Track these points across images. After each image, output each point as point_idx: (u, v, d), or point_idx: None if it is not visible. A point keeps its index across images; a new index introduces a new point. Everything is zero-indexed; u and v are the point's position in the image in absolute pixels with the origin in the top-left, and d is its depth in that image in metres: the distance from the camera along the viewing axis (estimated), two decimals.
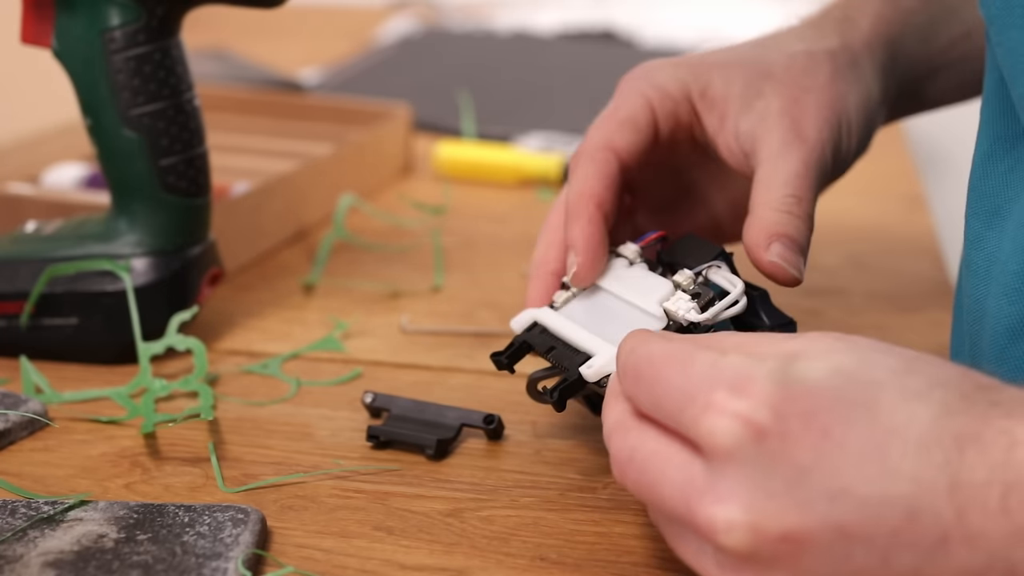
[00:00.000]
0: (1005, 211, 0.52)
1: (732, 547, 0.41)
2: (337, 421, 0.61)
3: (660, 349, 0.45)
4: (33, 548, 0.49)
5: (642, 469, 0.44)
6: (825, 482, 0.40)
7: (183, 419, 0.60)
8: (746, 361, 0.43)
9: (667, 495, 0.43)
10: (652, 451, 0.44)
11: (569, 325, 0.55)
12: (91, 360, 0.66)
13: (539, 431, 0.60)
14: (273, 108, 1.01)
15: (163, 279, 0.66)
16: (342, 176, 0.90)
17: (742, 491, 0.41)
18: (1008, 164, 0.52)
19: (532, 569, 0.50)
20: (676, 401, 0.43)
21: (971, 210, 0.54)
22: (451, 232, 0.86)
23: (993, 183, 0.53)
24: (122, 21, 0.63)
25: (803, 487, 0.40)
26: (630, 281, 0.56)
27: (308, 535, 0.52)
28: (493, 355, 0.57)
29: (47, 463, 0.57)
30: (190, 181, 0.66)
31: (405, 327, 0.71)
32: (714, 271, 0.52)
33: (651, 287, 0.54)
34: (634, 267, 0.57)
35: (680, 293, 0.53)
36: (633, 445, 0.45)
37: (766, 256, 0.55)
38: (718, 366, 0.43)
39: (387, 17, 1.51)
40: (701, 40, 1.36)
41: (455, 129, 1.07)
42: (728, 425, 0.41)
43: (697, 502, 0.42)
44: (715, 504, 0.41)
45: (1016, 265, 0.50)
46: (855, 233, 0.88)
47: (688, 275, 0.53)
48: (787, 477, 0.40)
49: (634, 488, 0.45)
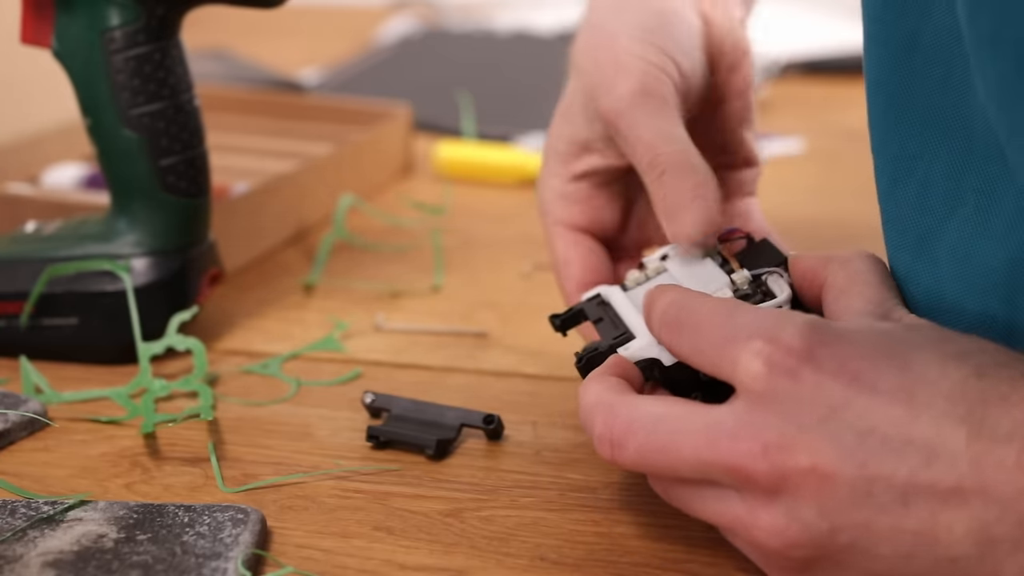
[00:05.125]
0: (933, 237, 0.49)
1: (761, 478, 0.43)
2: (337, 421, 0.61)
3: (701, 302, 0.48)
4: (33, 548, 0.49)
5: (651, 431, 0.45)
6: (854, 421, 0.42)
7: (183, 419, 0.60)
8: (787, 312, 0.46)
9: (686, 445, 0.44)
10: (661, 413, 0.46)
11: (627, 305, 0.56)
12: (91, 360, 0.66)
13: (539, 431, 0.60)
14: (273, 108, 1.01)
15: (163, 279, 0.66)
16: (342, 176, 0.90)
17: (775, 423, 0.43)
18: (915, 187, 0.50)
19: (532, 569, 0.50)
20: (717, 345, 0.46)
21: (893, 244, 0.51)
22: (451, 232, 0.86)
23: (907, 210, 0.50)
24: (122, 21, 0.63)
25: (832, 423, 0.42)
26: (695, 271, 0.57)
27: (308, 535, 0.52)
28: (551, 316, 0.59)
29: (47, 463, 0.57)
30: (190, 181, 0.66)
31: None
32: (774, 277, 0.53)
33: (710, 280, 0.55)
34: (704, 259, 0.57)
35: (728, 291, 0.53)
36: (630, 414, 0.46)
37: None
38: (759, 315, 0.45)
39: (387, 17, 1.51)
40: None
41: (455, 129, 1.07)
42: (765, 364, 0.43)
43: (727, 440, 0.43)
44: (746, 439, 0.43)
45: (975, 305, 0.48)
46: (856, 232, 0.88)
47: (745, 276, 0.53)
48: (818, 414, 0.42)
49: (638, 454, 0.46)
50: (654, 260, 0.59)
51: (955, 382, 0.42)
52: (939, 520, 0.41)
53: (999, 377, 0.42)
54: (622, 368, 0.50)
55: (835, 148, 1.04)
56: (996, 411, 0.41)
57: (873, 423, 0.42)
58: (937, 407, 0.41)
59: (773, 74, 1.20)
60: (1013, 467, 0.40)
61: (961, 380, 0.42)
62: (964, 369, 0.42)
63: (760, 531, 0.43)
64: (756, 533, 0.44)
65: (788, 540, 0.43)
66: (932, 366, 0.42)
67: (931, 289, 0.49)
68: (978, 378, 0.42)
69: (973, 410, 0.41)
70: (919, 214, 0.50)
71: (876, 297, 0.49)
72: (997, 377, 0.42)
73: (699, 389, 0.50)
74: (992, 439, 0.40)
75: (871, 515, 0.42)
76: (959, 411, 0.41)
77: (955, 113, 0.47)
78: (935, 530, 0.41)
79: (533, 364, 0.66)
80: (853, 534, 0.42)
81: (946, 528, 0.41)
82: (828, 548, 0.43)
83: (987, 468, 0.40)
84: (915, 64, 0.48)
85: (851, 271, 0.50)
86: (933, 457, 0.41)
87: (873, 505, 0.42)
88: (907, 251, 0.51)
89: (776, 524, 0.43)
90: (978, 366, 0.42)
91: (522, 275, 0.79)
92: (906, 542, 0.41)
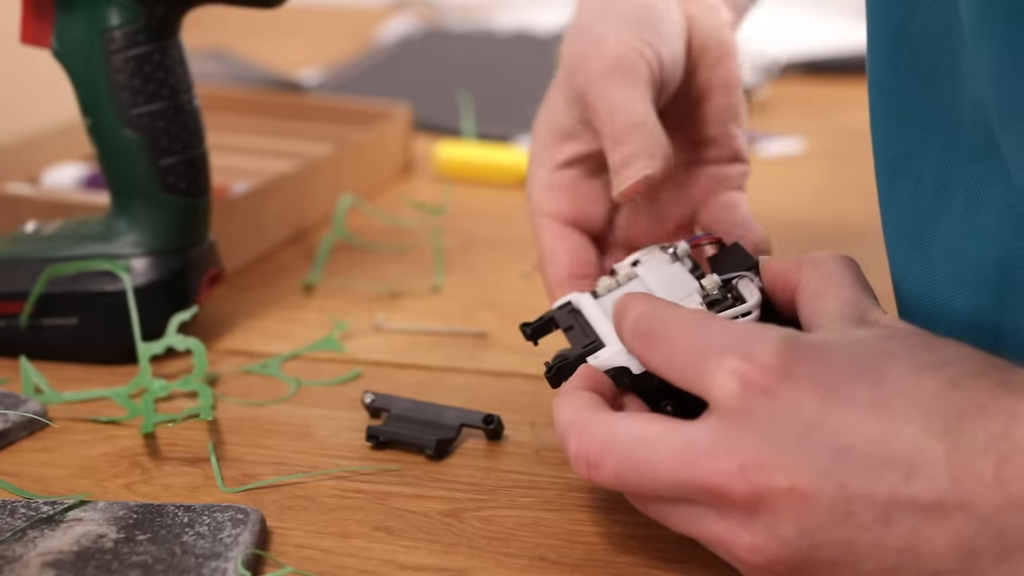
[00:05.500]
0: (926, 235, 0.49)
1: (739, 498, 0.42)
2: (337, 421, 0.61)
3: (674, 314, 0.47)
4: (32, 548, 0.49)
5: (627, 452, 0.45)
6: (831, 439, 0.41)
7: (183, 419, 0.60)
8: (760, 326, 0.45)
9: (663, 465, 0.44)
10: (637, 434, 0.45)
11: (598, 313, 0.56)
12: (91, 360, 0.66)
13: (539, 431, 0.60)
14: (273, 108, 1.01)
15: (163, 279, 0.66)
16: (342, 176, 0.90)
17: (751, 443, 0.42)
18: (909, 184, 0.50)
19: (531, 569, 0.50)
20: (691, 360, 0.45)
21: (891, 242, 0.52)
22: (451, 232, 0.86)
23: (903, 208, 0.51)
24: (122, 21, 0.63)
25: (810, 442, 0.42)
26: (665, 277, 0.56)
27: (308, 535, 0.52)
28: (522, 325, 0.58)
29: (47, 463, 0.57)
30: (190, 181, 0.66)
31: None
32: (744, 281, 0.53)
33: (679, 285, 0.55)
34: (675, 264, 0.57)
35: (699, 296, 0.53)
36: (605, 433, 0.46)
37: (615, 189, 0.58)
38: (733, 330, 0.45)
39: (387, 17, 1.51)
40: None
41: (455, 129, 1.07)
42: (739, 382, 0.43)
43: (704, 459, 0.43)
44: (723, 458, 0.43)
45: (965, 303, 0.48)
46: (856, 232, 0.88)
47: (715, 280, 0.53)
48: (795, 432, 0.42)
49: (615, 475, 0.45)
50: (625, 266, 0.58)
51: (930, 395, 0.41)
52: (921, 535, 0.41)
53: (976, 387, 0.41)
54: (593, 380, 0.50)
55: (836, 148, 1.04)
56: (973, 424, 0.40)
57: (851, 441, 0.41)
58: (914, 422, 0.41)
59: (773, 74, 1.20)
60: (992, 480, 0.40)
61: (936, 392, 0.41)
62: (939, 380, 0.42)
63: (740, 549, 0.43)
64: (737, 551, 0.43)
65: (768, 557, 0.43)
66: (907, 379, 0.42)
67: (924, 287, 0.49)
68: (953, 389, 0.41)
69: (949, 424, 0.41)
70: (913, 211, 0.50)
71: (851, 298, 0.48)
72: (974, 387, 0.41)
73: (670, 396, 0.49)
74: (970, 452, 0.40)
75: (852, 533, 0.41)
76: (936, 426, 0.41)
77: (943, 108, 0.47)
78: (917, 545, 0.41)
79: (533, 364, 0.66)
80: (835, 551, 0.42)
81: (928, 543, 0.41)
82: (810, 564, 0.42)
83: (967, 482, 0.40)
84: (904, 57, 0.49)
85: (824, 273, 0.50)
86: (912, 474, 0.41)
87: (854, 523, 0.41)
88: (902, 249, 0.51)
89: (755, 542, 0.43)
90: (953, 377, 0.42)
91: (522, 275, 0.79)
92: (889, 558, 0.41)
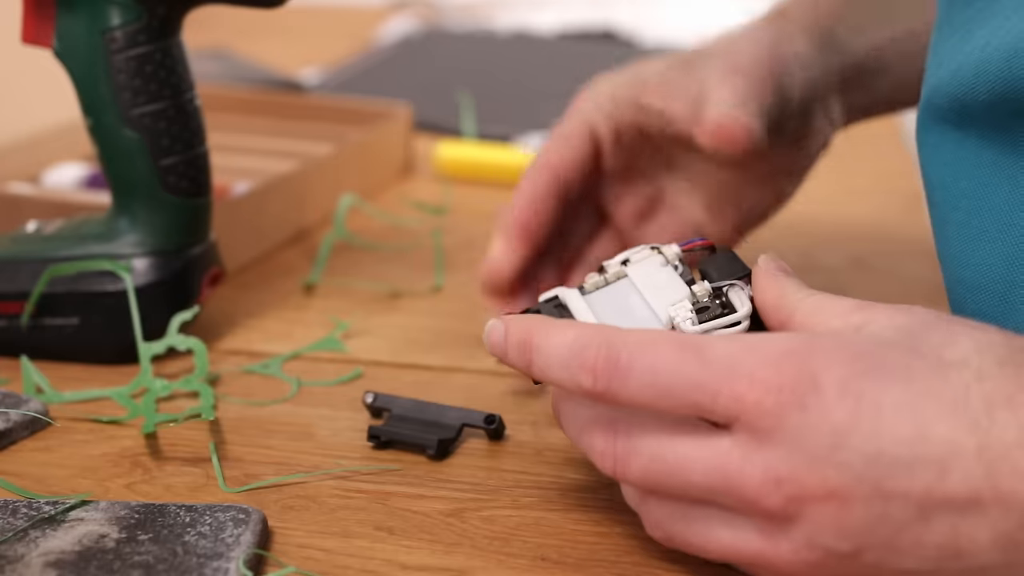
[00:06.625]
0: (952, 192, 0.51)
1: (778, 510, 0.42)
2: (338, 421, 0.61)
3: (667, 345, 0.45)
4: (34, 548, 0.49)
5: (656, 459, 0.45)
6: (862, 445, 0.42)
7: (184, 419, 0.60)
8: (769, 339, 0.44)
9: (697, 475, 0.44)
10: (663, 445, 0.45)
11: (584, 310, 0.55)
12: (92, 360, 0.66)
13: (540, 431, 0.60)
14: (273, 108, 1.01)
15: (164, 279, 0.66)
16: (342, 176, 0.90)
17: (784, 456, 0.42)
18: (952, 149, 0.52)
19: (533, 569, 0.50)
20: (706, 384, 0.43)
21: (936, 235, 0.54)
22: (451, 232, 0.86)
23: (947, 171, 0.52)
24: (123, 21, 0.63)
25: (842, 449, 0.42)
26: (656, 281, 0.56)
27: (309, 535, 0.52)
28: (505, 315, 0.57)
29: (48, 463, 0.57)
30: (191, 181, 0.66)
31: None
32: (735, 290, 0.52)
33: (670, 291, 0.54)
34: (666, 268, 0.57)
35: (687, 302, 0.53)
36: (628, 445, 0.46)
37: (714, 115, 0.61)
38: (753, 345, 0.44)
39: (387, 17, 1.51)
40: (701, 40, 1.36)
41: (455, 129, 1.07)
42: (768, 396, 0.42)
43: (738, 473, 0.43)
44: (757, 475, 0.42)
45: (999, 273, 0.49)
46: (856, 232, 0.88)
47: (706, 288, 0.53)
48: (826, 441, 0.42)
49: (643, 480, 0.45)
50: (615, 264, 0.57)
51: (958, 390, 0.41)
52: (961, 531, 0.41)
53: (1002, 379, 0.41)
54: None
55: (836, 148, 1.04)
56: (1003, 415, 0.41)
57: (882, 445, 0.41)
58: (944, 421, 0.41)
59: None
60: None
61: (963, 387, 0.41)
62: (965, 374, 0.42)
63: (784, 562, 0.43)
64: (780, 564, 0.43)
65: (812, 563, 0.43)
66: (933, 376, 0.42)
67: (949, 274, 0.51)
68: (980, 382, 0.41)
69: (979, 421, 0.41)
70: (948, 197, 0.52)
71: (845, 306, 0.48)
72: (1000, 379, 0.41)
73: None
74: (1002, 445, 0.40)
75: (892, 533, 0.41)
76: (965, 422, 0.41)
77: None
78: (958, 542, 0.41)
79: None
80: (877, 553, 0.42)
81: (969, 539, 0.41)
82: (854, 568, 0.42)
83: (1002, 475, 0.40)
84: None
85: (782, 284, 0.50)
86: (946, 471, 0.41)
87: (893, 523, 0.41)
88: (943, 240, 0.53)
89: (799, 552, 0.43)
90: (979, 370, 0.42)
91: None
92: (931, 556, 0.41)
